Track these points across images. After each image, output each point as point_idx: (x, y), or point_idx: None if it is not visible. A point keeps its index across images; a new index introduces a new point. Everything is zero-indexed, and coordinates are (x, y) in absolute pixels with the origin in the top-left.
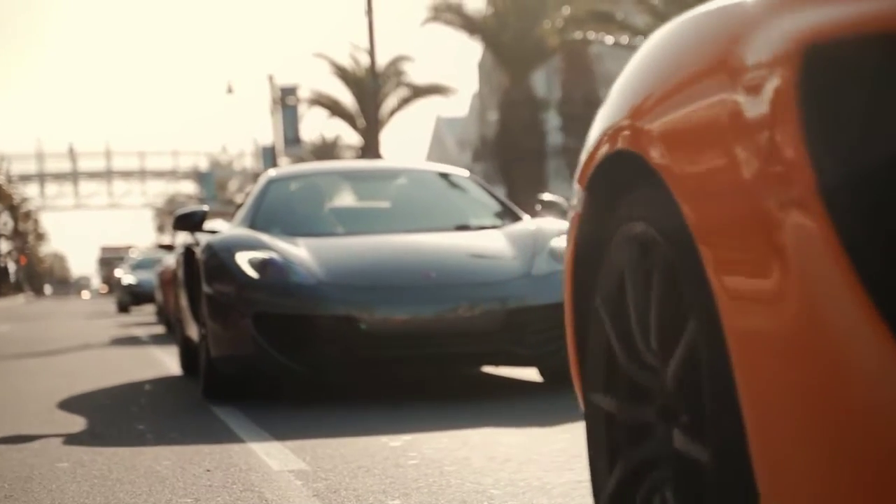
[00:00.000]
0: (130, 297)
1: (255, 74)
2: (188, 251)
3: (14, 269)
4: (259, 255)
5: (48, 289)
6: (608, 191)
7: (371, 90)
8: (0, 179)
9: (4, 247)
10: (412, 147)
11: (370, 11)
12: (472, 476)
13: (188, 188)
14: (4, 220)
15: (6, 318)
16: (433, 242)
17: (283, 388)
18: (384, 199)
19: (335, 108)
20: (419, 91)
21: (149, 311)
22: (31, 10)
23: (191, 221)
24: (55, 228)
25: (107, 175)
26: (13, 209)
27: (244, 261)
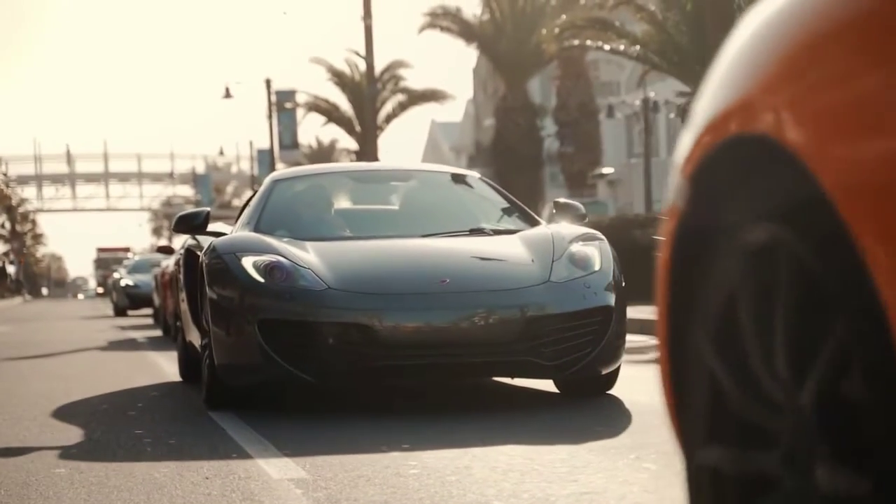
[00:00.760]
0: (128, 301)
1: (253, 78)
2: (189, 253)
3: (14, 271)
4: (265, 259)
5: (45, 290)
6: (721, 184)
7: (369, 95)
8: None
9: (2, 248)
10: (407, 152)
11: (367, 16)
12: (475, 486)
13: (185, 191)
14: (2, 222)
15: (4, 320)
16: (447, 247)
17: (283, 396)
18: (393, 202)
19: (332, 113)
20: (416, 97)
21: (146, 314)
22: (29, 12)
23: (193, 223)
24: (53, 230)
25: (104, 177)
26: (11, 210)
27: (249, 264)
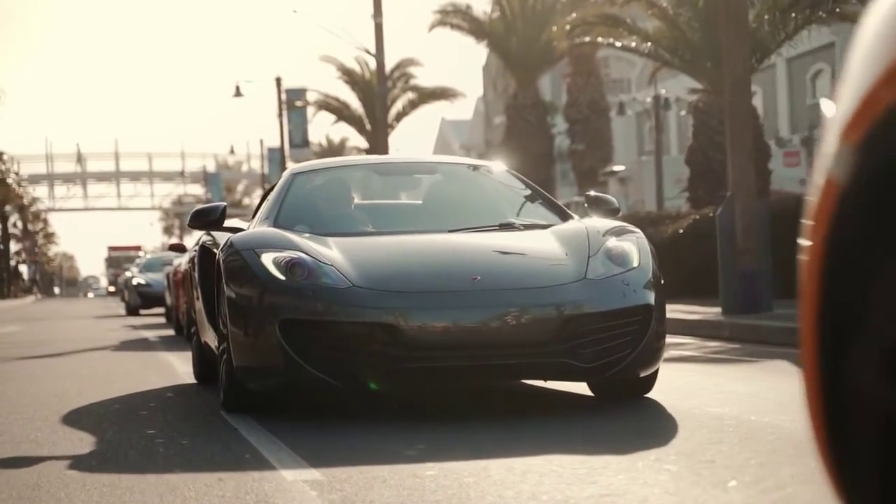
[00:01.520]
0: (140, 300)
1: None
2: (204, 250)
3: (26, 270)
4: (286, 255)
5: (57, 289)
6: None
7: (379, 93)
8: (10, 180)
9: (14, 247)
10: (417, 150)
11: (378, 14)
12: (493, 488)
13: (196, 190)
14: (14, 221)
15: (16, 319)
16: (475, 242)
17: (297, 396)
18: (417, 195)
19: (342, 112)
20: (426, 95)
21: (158, 313)
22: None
23: (209, 218)
24: (64, 229)
25: (115, 176)
26: (23, 210)
27: (269, 261)
